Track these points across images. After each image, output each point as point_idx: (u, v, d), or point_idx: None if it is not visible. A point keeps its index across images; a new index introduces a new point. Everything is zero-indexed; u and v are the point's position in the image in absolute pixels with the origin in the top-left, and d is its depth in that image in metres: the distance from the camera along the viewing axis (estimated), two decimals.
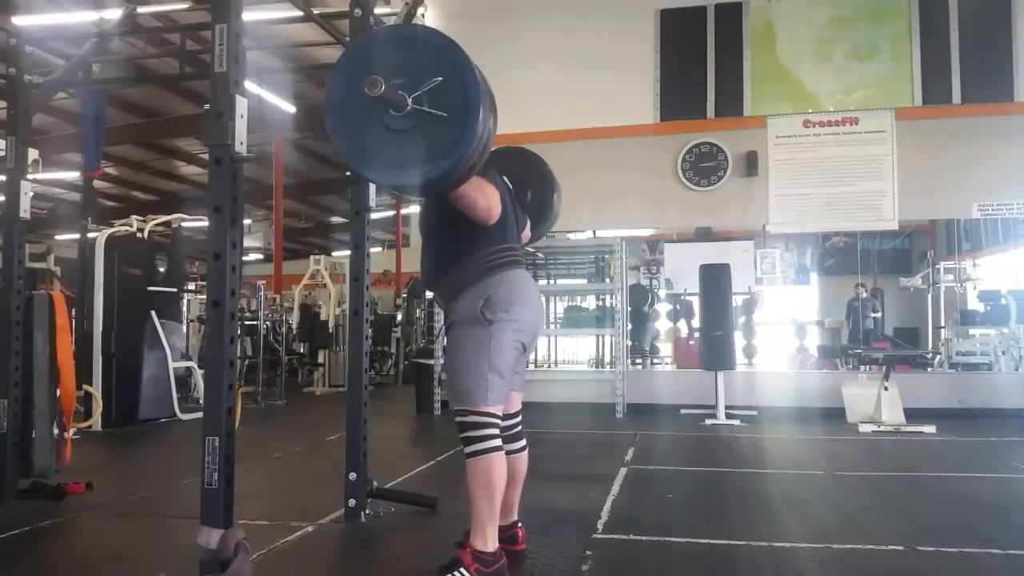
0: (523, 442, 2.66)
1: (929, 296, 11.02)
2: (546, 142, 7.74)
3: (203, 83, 2.42)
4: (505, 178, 2.63)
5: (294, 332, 10.97)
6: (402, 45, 2.11)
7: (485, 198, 2.32)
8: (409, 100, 1.99)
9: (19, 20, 8.75)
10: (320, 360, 10.92)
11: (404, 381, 12.14)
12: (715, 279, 6.95)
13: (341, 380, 10.17)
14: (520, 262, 2.53)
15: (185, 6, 8.76)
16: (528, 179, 2.94)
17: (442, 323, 7.00)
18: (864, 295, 11.16)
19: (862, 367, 7.77)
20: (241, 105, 2.27)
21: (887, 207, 7.24)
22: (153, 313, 6.91)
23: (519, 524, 2.73)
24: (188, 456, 3.05)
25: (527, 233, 2.83)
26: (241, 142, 2.26)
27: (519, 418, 2.66)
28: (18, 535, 3.07)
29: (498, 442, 2.37)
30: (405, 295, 13.89)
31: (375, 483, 3.33)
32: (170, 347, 6.95)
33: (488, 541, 2.33)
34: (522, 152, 3.05)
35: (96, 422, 6.09)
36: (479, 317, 2.37)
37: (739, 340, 9.14)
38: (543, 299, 2.67)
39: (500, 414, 2.42)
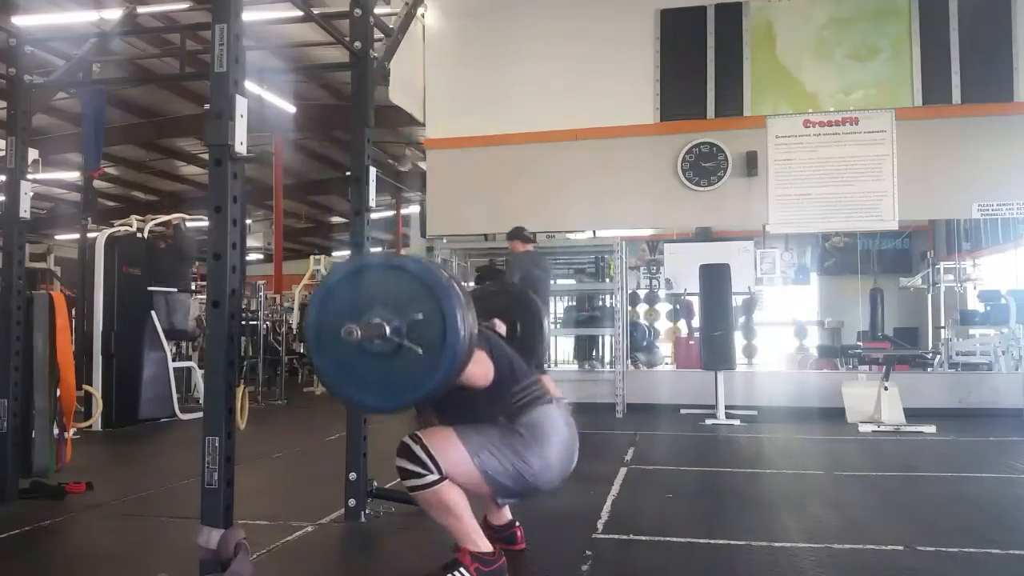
0: None
1: (929, 296, 11.00)
2: (546, 142, 7.81)
3: (203, 83, 2.42)
4: (495, 320, 2.68)
5: (294, 332, 10.96)
6: (389, 276, 2.12)
7: (476, 364, 2.22)
8: (387, 329, 2.02)
9: (19, 20, 8.73)
10: None
11: None
12: (715, 279, 6.95)
13: None
14: (543, 398, 2.43)
15: (185, 6, 8.76)
16: (513, 312, 2.93)
17: None
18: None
19: (862, 367, 7.77)
20: (241, 105, 2.27)
21: (887, 207, 7.24)
22: (153, 313, 6.91)
23: (517, 524, 2.73)
24: (188, 456, 3.05)
25: None
26: (241, 142, 2.26)
27: None
28: (18, 535, 3.07)
29: (435, 476, 2.24)
30: None
31: (375, 483, 3.33)
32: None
33: (479, 543, 2.31)
34: (501, 288, 3.03)
35: (96, 422, 6.09)
36: (510, 428, 2.32)
37: (739, 340, 9.11)
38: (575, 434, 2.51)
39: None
